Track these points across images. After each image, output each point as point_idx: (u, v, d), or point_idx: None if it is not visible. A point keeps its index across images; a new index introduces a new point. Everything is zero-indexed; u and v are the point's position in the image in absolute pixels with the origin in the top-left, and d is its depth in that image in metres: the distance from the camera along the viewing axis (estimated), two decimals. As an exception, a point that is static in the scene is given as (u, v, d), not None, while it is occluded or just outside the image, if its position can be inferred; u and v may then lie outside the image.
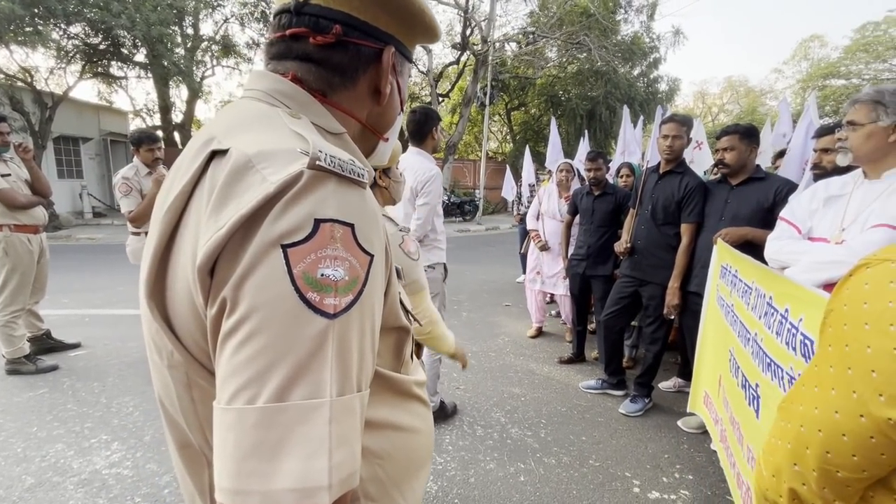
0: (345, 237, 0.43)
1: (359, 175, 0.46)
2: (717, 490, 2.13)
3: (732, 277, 1.92)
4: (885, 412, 0.48)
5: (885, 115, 1.47)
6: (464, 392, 3.11)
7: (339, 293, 0.42)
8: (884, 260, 0.51)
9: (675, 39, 16.93)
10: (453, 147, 14.71)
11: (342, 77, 0.57)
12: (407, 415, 0.67)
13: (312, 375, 0.41)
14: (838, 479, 0.54)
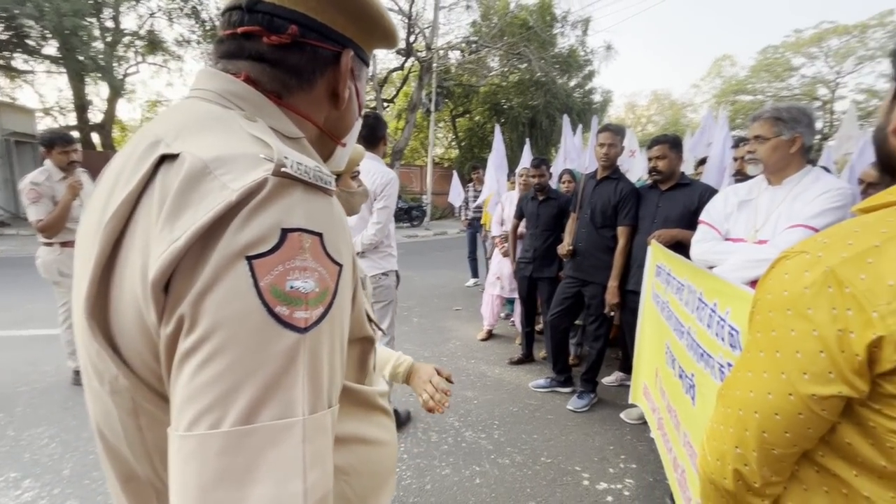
0: (314, 247, 0.41)
1: (326, 182, 0.45)
2: (658, 476, 2.27)
3: (666, 276, 2.07)
4: (810, 389, 0.53)
5: (785, 130, 1.68)
6: (417, 398, 3.08)
7: (309, 306, 0.40)
8: (800, 252, 0.57)
9: (606, 54, 18.04)
10: (400, 152, 14.68)
11: (299, 79, 0.55)
12: (373, 427, 0.66)
13: (283, 393, 0.39)
14: (774, 456, 0.59)
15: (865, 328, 0.49)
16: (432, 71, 14.38)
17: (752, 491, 0.62)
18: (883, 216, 0.53)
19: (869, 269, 0.49)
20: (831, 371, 0.52)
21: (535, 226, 3.58)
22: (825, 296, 0.52)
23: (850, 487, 0.55)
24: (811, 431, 0.56)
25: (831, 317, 0.51)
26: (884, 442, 0.51)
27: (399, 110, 18.68)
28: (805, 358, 0.53)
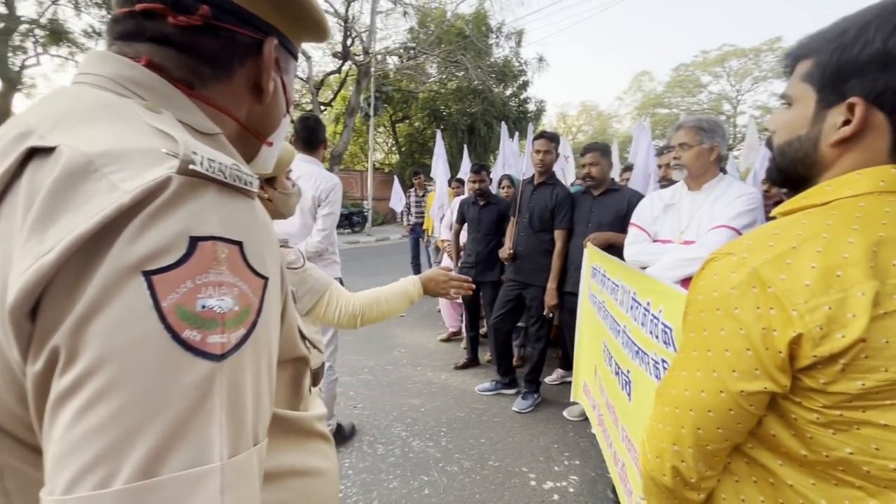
0: (232, 258, 0.35)
1: (246, 183, 0.39)
2: (600, 471, 2.36)
3: (602, 277, 2.17)
4: (739, 386, 0.56)
5: (706, 139, 1.85)
6: (362, 410, 2.99)
7: (227, 328, 0.34)
8: (727, 254, 0.59)
9: (539, 65, 18.87)
10: (339, 157, 14.32)
11: (214, 68, 0.48)
12: (309, 456, 0.60)
13: (195, 436, 0.32)
14: (708, 451, 0.61)
15: (787, 326, 0.51)
16: (370, 75, 14.22)
17: (688, 486, 0.64)
18: (798, 219, 0.57)
19: (788, 269, 0.52)
20: (757, 368, 0.54)
21: (476, 230, 3.62)
22: (750, 296, 0.54)
23: (776, 476, 0.58)
24: (741, 426, 0.58)
25: (756, 316, 0.53)
26: (804, 432, 0.55)
27: (337, 114, 18.24)
28: (734, 356, 0.56)
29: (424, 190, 6.67)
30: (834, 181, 0.57)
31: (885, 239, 0.50)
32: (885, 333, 0.49)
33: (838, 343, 0.49)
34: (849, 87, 0.55)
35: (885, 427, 0.50)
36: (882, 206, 0.53)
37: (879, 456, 0.51)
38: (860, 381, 0.50)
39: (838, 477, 0.54)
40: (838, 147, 0.57)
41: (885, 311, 0.48)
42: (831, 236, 0.52)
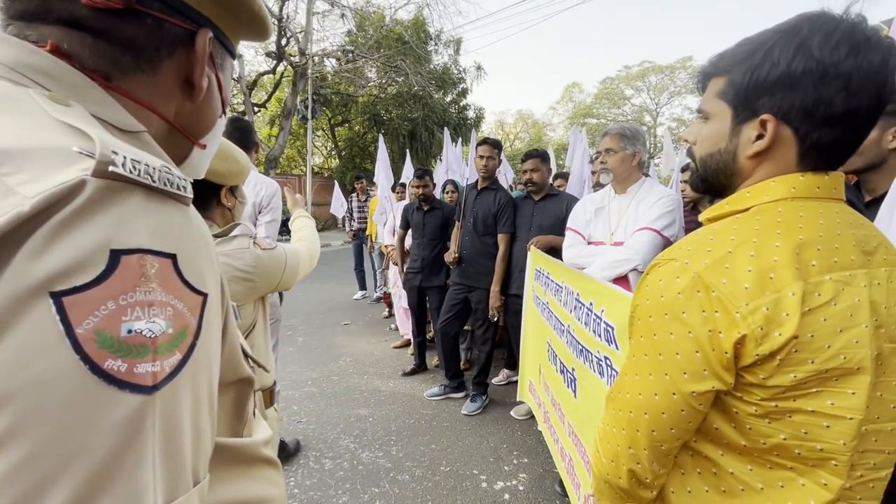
0: (163, 273, 0.31)
1: (179, 187, 0.35)
2: (547, 466, 2.44)
3: (546, 279, 2.25)
4: (690, 386, 0.59)
5: (629, 145, 2.01)
6: (307, 424, 2.86)
7: (159, 354, 0.30)
8: (670, 259, 0.63)
9: (477, 74, 19.31)
10: (275, 161, 13.70)
11: (136, 57, 0.42)
12: (255, 485, 0.55)
13: (123, 484, 0.28)
14: (662, 451, 0.64)
15: (731, 328, 0.55)
16: (307, 77, 13.78)
17: (643, 485, 0.67)
18: (729, 224, 0.62)
19: (727, 273, 0.56)
20: (706, 368, 0.57)
21: (421, 235, 3.62)
22: (696, 300, 0.57)
23: (719, 466, 0.63)
24: (691, 424, 0.62)
25: (702, 319, 0.56)
26: (744, 424, 0.59)
27: (272, 116, 17.48)
28: (684, 358, 0.58)
29: (367, 195, 6.56)
30: (753, 188, 0.62)
31: (804, 241, 0.56)
32: (810, 329, 0.53)
33: (776, 341, 0.53)
34: (760, 104, 0.59)
35: (812, 413, 0.56)
36: (796, 211, 0.59)
37: (808, 439, 0.56)
38: (793, 374, 0.54)
39: (773, 461, 0.60)
40: (754, 159, 0.63)
41: (809, 307, 0.53)
42: (760, 240, 0.56)
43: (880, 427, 0.59)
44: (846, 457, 0.56)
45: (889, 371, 0.58)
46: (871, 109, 0.55)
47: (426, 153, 17.62)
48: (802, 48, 0.55)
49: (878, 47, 0.53)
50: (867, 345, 0.54)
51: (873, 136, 1.20)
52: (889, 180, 1.20)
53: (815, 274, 0.54)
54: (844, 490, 0.59)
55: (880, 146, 1.21)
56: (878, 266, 0.58)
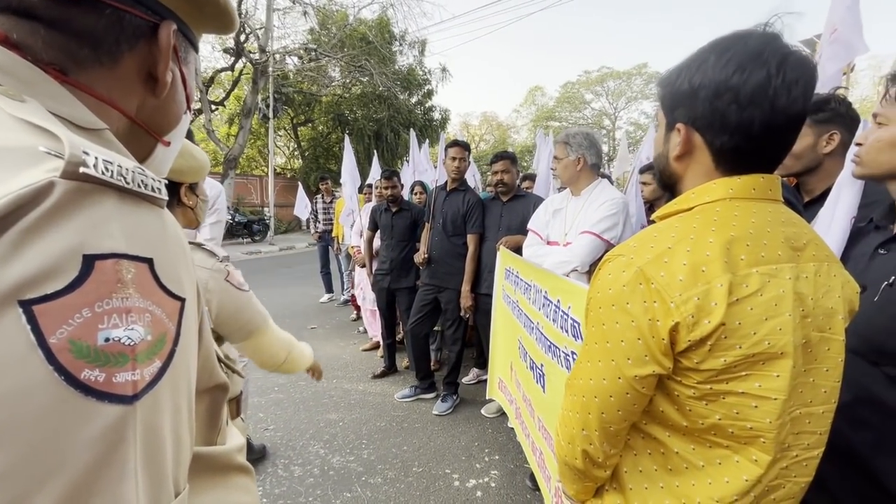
0: (140, 278, 0.30)
1: (153, 189, 0.34)
2: (518, 462, 2.48)
3: (515, 278, 2.30)
4: (633, 371, 0.63)
5: (571, 152, 2.13)
6: (274, 432, 2.79)
7: (139, 362, 0.29)
8: (619, 255, 0.67)
9: (442, 75, 19.39)
10: (234, 161, 13.23)
11: (94, 50, 0.40)
12: (230, 493, 0.55)
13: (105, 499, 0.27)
14: (611, 432, 0.69)
15: (667, 316, 0.60)
16: (268, 75, 13.40)
17: (596, 465, 0.72)
18: (672, 223, 0.68)
19: (665, 267, 0.61)
20: (647, 354, 0.62)
21: (390, 237, 3.60)
22: (638, 291, 0.61)
23: (666, 447, 0.68)
24: (636, 407, 0.67)
25: (644, 308, 0.61)
26: (684, 406, 0.65)
27: (231, 115, 16.88)
28: (627, 345, 0.63)
29: (332, 196, 6.45)
30: (697, 189, 0.68)
31: (735, 238, 0.61)
32: (738, 317, 0.58)
33: (706, 328, 0.58)
34: (677, 114, 0.67)
35: (743, 394, 0.61)
36: (732, 210, 0.64)
37: (739, 418, 0.62)
38: (723, 358, 0.59)
39: (711, 440, 0.65)
40: (679, 161, 0.70)
41: (736, 297, 0.58)
42: (696, 237, 0.62)
43: (813, 410, 0.65)
44: (773, 434, 0.61)
45: (820, 358, 0.65)
46: (766, 121, 0.60)
47: (392, 154, 17.51)
48: (702, 66, 0.62)
49: (766, 65, 0.58)
50: (790, 332, 0.60)
51: (809, 142, 1.31)
52: (825, 182, 1.31)
53: (744, 267, 0.59)
54: (781, 469, 0.65)
55: (816, 151, 1.31)
56: (807, 261, 0.64)
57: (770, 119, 0.60)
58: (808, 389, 0.65)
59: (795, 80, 0.58)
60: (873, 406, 0.85)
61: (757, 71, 0.58)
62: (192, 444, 0.38)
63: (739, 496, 0.63)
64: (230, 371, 0.58)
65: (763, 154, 0.64)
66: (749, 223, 0.62)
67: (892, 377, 0.82)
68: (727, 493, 0.63)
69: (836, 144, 1.28)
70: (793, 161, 1.34)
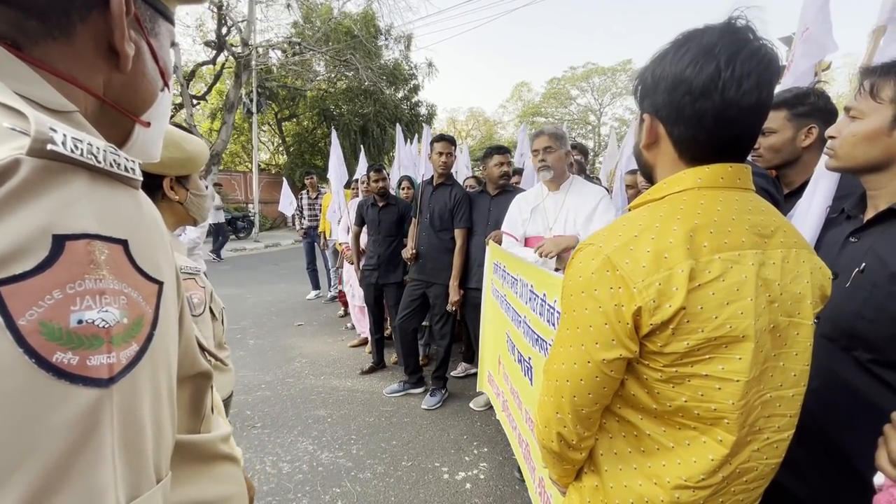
0: (114, 260, 0.30)
1: (127, 169, 0.33)
2: (506, 454, 2.51)
3: (502, 272, 2.31)
4: (601, 354, 0.65)
5: (563, 145, 2.17)
6: (262, 429, 2.77)
7: (114, 344, 0.29)
8: (589, 244, 0.69)
9: (428, 70, 19.30)
10: (217, 157, 13.00)
11: (42, 22, 0.37)
12: (214, 484, 0.54)
13: (80, 482, 0.27)
14: (584, 415, 0.71)
15: (630, 301, 0.62)
16: (251, 69, 13.16)
17: (571, 447, 0.74)
18: (640, 212, 0.70)
19: (630, 254, 0.63)
20: (613, 339, 0.64)
21: (377, 232, 3.59)
22: (605, 278, 0.63)
23: (638, 429, 0.71)
24: (606, 390, 0.69)
25: (610, 294, 0.63)
26: (653, 389, 0.67)
27: (213, 110, 16.55)
28: (595, 330, 0.65)
29: (318, 192, 6.39)
30: (668, 179, 0.70)
31: (699, 225, 0.63)
32: (699, 301, 0.60)
33: (667, 312, 0.60)
34: (644, 105, 0.70)
35: (706, 377, 0.63)
36: (699, 199, 0.66)
37: (704, 400, 0.64)
38: (686, 341, 0.61)
39: (679, 422, 0.67)
40: (648, 151, 0.73)
41: (699, 283, 0.60)
42: (662, 225, 0.63)
43: (783, 393, 0.68)
44: (735, 415, 0.63)
45: (790, 342, 0.67)
46: (717, 112, 0.62)
47: (378, 149, 17.39)
48: (663, 60, 0.65)
49: (716, 58, 0.60)
50: (751, 315, 0.61)
51: (788, 136, 1.34)
52: (804, 175, 1.35)
53: (706, 253, 0.61)
54: (753, 452, 0.67)
55: (795, 144, 1.35)
56: (775, 248, 0.66)
57: (722, 110, 0.62)
58: (779, 373, 0.67)
59: (747, 74, 0.60)
60: (843, 389, 0.88)
61: (708, 64, 0.60)
62: (174, 430, 0.38)
63: (707, 475, 0.66)
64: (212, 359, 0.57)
65: (721, 144, 0.66)
66: (714, 211, 0.64)
67: (861, 362, 0.85)
68: (695, 473, 0.66)
69: (815, 138, 1.31)
70: (772, 154, 1.38)
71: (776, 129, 1.35)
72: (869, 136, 0.87)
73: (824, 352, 0.89)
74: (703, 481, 0.66)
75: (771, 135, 1.36)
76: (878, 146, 0.87)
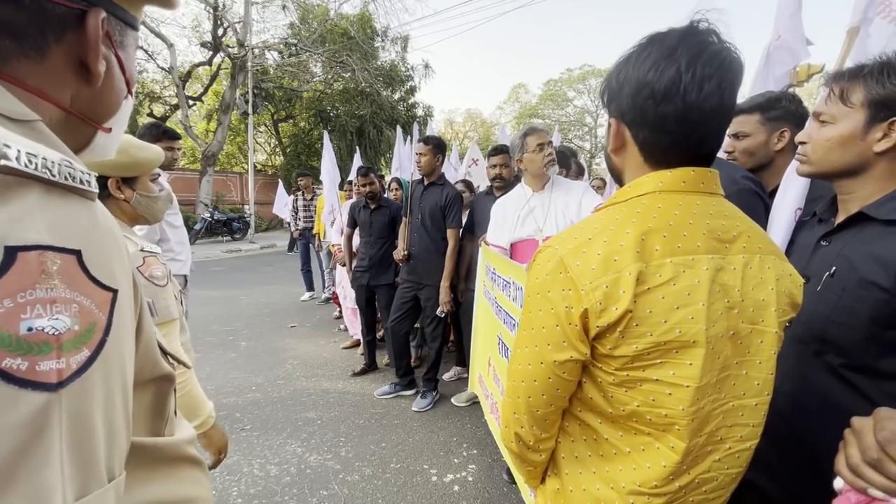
0: (66, 269, 0.31)
1: (81, 181, 0.34)
2: (495, 456, 2.51)
3: (493, 275, 2.31)
4: (552, 356, 0.65)
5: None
6: (250, 432, 2.76)
7: (64, 351, 0.30)
8: (548, 246, 0.69)
9: (425, 72, 19.31)
10: (213, 157, 12.97)
11: (18, 42, 0.38)
12: (178, 486, 0.54)
13: (27, 483, 0.28)
14: (539, 416, 0.70)
15: (578, 303, 0.61)
16: (247, 70, 13.15)
17: (530, 449, 0.74)
18: (600, 215, 0.70)
19: (582, 257, 0.63)
20: (564, 340, 0.64)
21: (368, 234, 3.58)
22: (557, 280, 0.63)
23: (597, 433, 0.70)
24: (560, 392, 0.68)
25: (561, 296, 0.63)
26: (607, 392, 0.66)
27: (209, 110, 16.53)
28: (548, 331, 0.65)
29: (313, 193, 6.38)
30: (633, 182, 0.70)
31: (652, 229, 0.62)
32: (648, 305, 0.60)
33: (613, 314, 0.60)
34: (611, 110, 0.70)
35: (657, 381, 0.62)
36: (657, 202, 0.65)
37: (656, 405, 0.63)
38: (634, 345, 0.61)
39: (633, 427, 0.67)
40: (616, 155, 0.72)
41: (648, 287, 0.60)
42: (615, 228, 0.63)
43: (746, 402, 0.66)
44: (686, 421, 0.62)
45: (753, 350, 0.65)
46: (679, 116, 0.62)
47: (375, 151, 17.38)
48: (627, 64, 0.65)
49: (677, 61, 0.60)
50: (702, 321, 0.60)
51: (762, 139, 1.35)
52: (777, 178, 1.36)
53: (658, 257, 0.61)
54: (714, 462, 0.66)
55: (768, 148, 1.36)
56: (736, 253, 0.65)
57: (684, 114, 0.61)
58: (741, 381, 0.66)
59: (708, 76, 0.59)
60: (814, 393, 0.88)
61: (669, 67, 0.60)
62: (129, 433, 0.38)
63: (660, 482, 0.65)
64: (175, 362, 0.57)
65: (685, 148, 0.65)
66: (671, 215, 0.63)
67: (833, 366, 0.85)
68: (648, 479, 0.65)
69: (787, 142, 1.32)
70: (746, 157, 1.39)
71: (749, 132, 1.36)
72: (843, 140, 0.87)
73: (796, 355, 0.89)
74: (658, 488, 0.65)
75: (745, 138, 1.37)
76: (853, 150, 0.86)
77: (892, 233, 0.81)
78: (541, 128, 2.31)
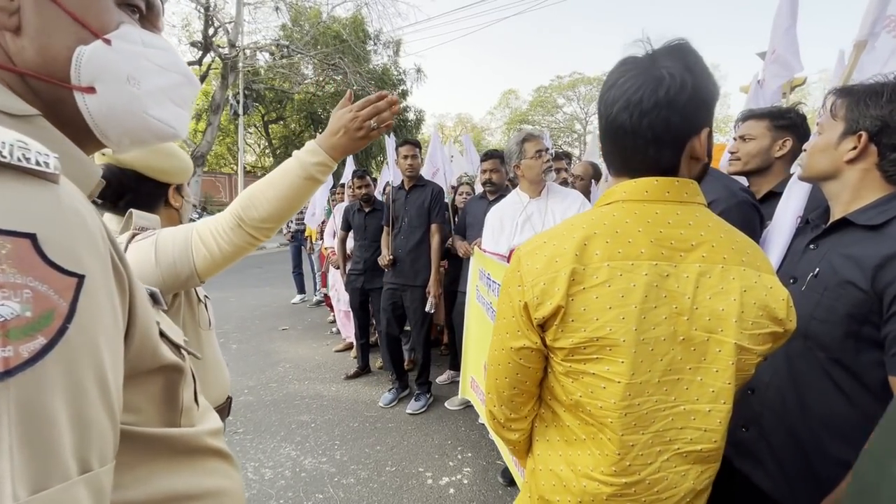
0: (17, 253, 0.30)
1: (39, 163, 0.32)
2: (490, 458, 2.53)
3: (487, 279, 2.34)
4: (510, 343, 0.73)
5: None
6: (244, 435, 2.74)
7: (11, 338, 0.29)
8: (519, 248, 0.75)
9: (417, 76, 19.39)
10: (202, 158, 12.82)
11: None
12: (202, 477, 0.54)
13: None
14: (505, 397, 0.78)
15: (522, 297, 0.69)
16: (238, 71, 13.05)
17: (502, 426, 0.82)
18: (563, 222, 0.75)
19: (534, 257, 0.70)
20: (518, 329, 0.72)
21: (363, 237, 3.59)
22: (515, 276, 0.72)
23: (561, 420, 0.76)
24: (520, 377, 0.76)
25: (516, 290, 0.71)
26: (560, 381, 0.73)
27: (198, 110, 16.34)
28: (506, 321, 0.74)
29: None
30: (606, 192, 0.75)
31: (597, 234, 0.67)
32: (583, 303, 0.66)
33: (548, 308, 0.67)
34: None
35: (594, 375, 0.68)
36: (614, 210, 0.69)
37: (594, 397, 0.68)
38: (570, 338, 0.67)
39: (580, 416, 0.72)
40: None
41: (584, 286, 0.66)
42: (566, 233, 0.69)
43: (698, 408, 0.68)
44: (616, 414, 0.67)
45: (710, 358, 0.67)
46: (604, 131, 0.71)
47: (366, 154, 17.37)
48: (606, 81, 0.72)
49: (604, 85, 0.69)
50: (633, 322, 0.64)
51: (766, 144, 1.44)
52: (770, 184, 1.44)
53: (597, 261, 0.66)
54: (664, 462, 0.69)
55: (770, 153, 1.45)
56: (692, 262, 0.66)
57: (606, 130, 0.71)
58: (695, 387, 0.68)
59: (614, 100, 0.68)
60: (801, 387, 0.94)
61: (605, 90, 0.70)
62: (115, 423, 0.37)
63: (606, 472, 0.70)
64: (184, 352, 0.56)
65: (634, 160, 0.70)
66: (620, 223, 0.68)
67: (819, 361, 0.92)
68: (597, 465, 0.71)
69: (788, 150, 1.43)
70: (749, 158, 1.48)
71: (756, 136, 1.46)
72: (823, 148, 0.97)
73: (785, 352, 0.94)
74: (606, 476, 0.70)
75: (751, 141, 1.47)
76: (828, 157, 0.96)
77: (869, 237, 0.87)
78: (538, 134, 2.34)
